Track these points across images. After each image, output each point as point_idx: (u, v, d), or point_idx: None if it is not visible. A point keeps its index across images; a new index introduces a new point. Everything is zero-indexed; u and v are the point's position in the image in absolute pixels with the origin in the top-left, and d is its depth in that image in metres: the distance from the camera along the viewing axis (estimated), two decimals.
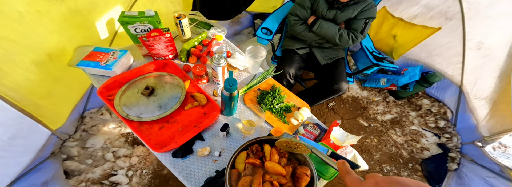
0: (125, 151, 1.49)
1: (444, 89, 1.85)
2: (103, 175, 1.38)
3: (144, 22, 0.82)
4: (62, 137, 1.30)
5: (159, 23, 0.89)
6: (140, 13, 0.83)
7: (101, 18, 0.99)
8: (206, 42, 1.17)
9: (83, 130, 1.46)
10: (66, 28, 0.89)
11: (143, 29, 0.85)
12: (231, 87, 0.75)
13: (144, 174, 1.45)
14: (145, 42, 0.85)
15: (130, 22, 0.80)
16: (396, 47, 1.92)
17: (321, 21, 1.34)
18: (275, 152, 0.67)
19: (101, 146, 1.47)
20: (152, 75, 0.94)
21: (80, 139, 1.44)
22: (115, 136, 1.53)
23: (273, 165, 0.61)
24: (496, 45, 1.38)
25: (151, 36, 0.84)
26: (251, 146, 0.66)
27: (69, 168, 1.34)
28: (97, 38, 1.04)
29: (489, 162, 1.49)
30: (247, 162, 0.63)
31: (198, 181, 0.77)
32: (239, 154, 0.65)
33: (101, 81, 0.85)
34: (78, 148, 1.42)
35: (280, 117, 1.00)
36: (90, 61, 0.80)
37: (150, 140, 0.80)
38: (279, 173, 0.61)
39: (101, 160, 1.43)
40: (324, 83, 1.45)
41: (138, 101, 0.83)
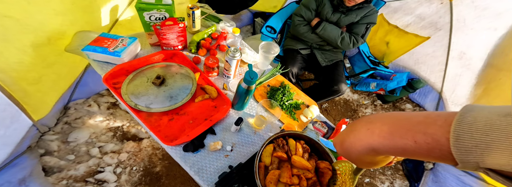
0: (113, 147, 1.38)
1: (425, 95, 2.03)
2: (87, 172, 1.26)
3: (161, 10, 0.77)
4: (41, 129, 1.16)
5: (174, 12, 0.84)
6: (157, 1, 0.78)
7: (107, 3, 0.91)
8: (215, 35, 1.14)
9: (66, 122, 1.32)
10: (73, 10, 0.81)
11: (158, 17, 0.80)
12: (252, 80, 0.73)
13: (134, 171, 1.35)
14: (158, 30, 0.80)
15: (146, 9, 0.75)
16: (388, 53, 2.05)
17: (325, 23, 1.38)
18: (300, 146, 0.67)
19: (85, 140, 1.34)
20: (160, 65, 0.89)
21: (61, 132, 1.30)
22: (102, 130, 1.40)
23: (300, 160, 0.61)
24: (476, 55, 1.54)
25: (165, 25, 0.79)
26: (277, 139, 0.66)
27: (47, 164, 1.20)
28: (98, 24, 0.96)
29: None
30: (275, 156, 0.62)
31: (210, 176, 0.74)
32: (266, 147, 0.64)
33: (105, 68, 0.78)
34: (58, 142, 1.28)
35: (289, 113, 1.00)
36: (97, 47, 0.73)
37: (159, 132, 0.75)
38: (305, 167, 0.61)
39: (85, 156, 1.31)
40: (324, 84, 1.50)
41: (148, 90, 0.77)
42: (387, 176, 1.80)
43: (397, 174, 1.83)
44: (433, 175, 1.79)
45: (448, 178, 1.69)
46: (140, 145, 1.44)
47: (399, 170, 1.86)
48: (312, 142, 0.70)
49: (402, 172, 1.86)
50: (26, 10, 0.70)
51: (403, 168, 1.87)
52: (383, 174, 1.80)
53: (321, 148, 0.69)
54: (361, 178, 1.75)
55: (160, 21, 0.81)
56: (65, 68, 1.00)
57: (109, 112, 1.47)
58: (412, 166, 1.84)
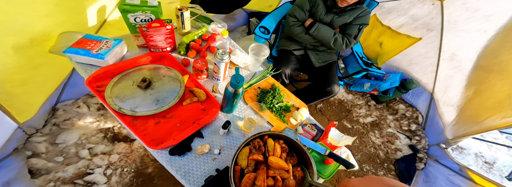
0: (103, 148, 1.36)
1: (418, 96, 2.04)
2: (76, 174, 1.25)
3: (146, 12, 0.75)
4: (28, 131, 1.14)
5: (161, 14, 0.83)
6: (142, 2, 0.76)
7: (94, 4, 0.89)
8: (206, 36, 1.12)
9: (54, 124, 1.30)
10: (58, 12, 0.79)
11: (144, 19, 0.78)
12: (238, 84, 0.73)
13: (125, 172, 1.34)
14: (144, 32, 0.78)
15: (131, 10, 0.73)
16: (381, 54, 2.06)
17: (318, 24, 1.37)
18: (278, 147, 0.67)
19: (74, 142, 1.32)
20: (148, 67, 0.88)
21: (49, 134, 1.28)
22: (92, 132, 1.38)
23: (277, 160, 0.61)
24: (466, 57, 1.55)
25: (151, 27, 0.78)
26: (253, 141, 0.66)
27: (34, 166, 1.18)
28: (85, 25, 0.93)
29: (451, 162, 1.68)
30: (251, 158, 0.62)
31: (197, 179, 0.74)
32: (241, 150, 0.64)
33: (89, 70, 0.76)
34: (46, 144, 1.26)
35: (279, 116, 1.00)
36: (80, 49, 0.71)
37: (145, 136, 0.74)
38: (282, 168, 0.61)
39: (74, 157, 1.29)
40: (317, 85, 1.49)
41: (133, 94, 0.76)
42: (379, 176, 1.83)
43: (389, 174, 1.85)
44: (424, 175, 1.82)
45: (438, 177, 1.71)
46: (131, 146, 1.43)
47: (391, 170, 1.88)
48: (291, 141, 0.70)
49: (394, 172, 1.87)
50: (6, 12, 0.68)
51: (395, 168, 1.88)
52: (376, 174, 1.82)
53: (300, 147, 0.69)
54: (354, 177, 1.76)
55: (146, 23, 0.80)
56: (52, 70, 0.98)
57: (100, 113, 1.45)
58: (404, 166, 1.86)
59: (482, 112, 1.37)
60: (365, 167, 1.83)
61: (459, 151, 2.18)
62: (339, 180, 1.70)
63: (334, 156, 0.81)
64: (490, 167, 2.10)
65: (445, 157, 1.75)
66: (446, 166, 1.72)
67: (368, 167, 1.84)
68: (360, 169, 1.81)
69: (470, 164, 2.06)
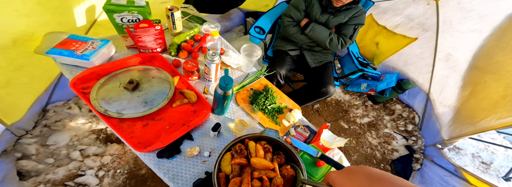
0: (95, 149, 1.35)
1: (414, 96, 2.04)
2: (67, 175, 1.23)
3: (133, 12, 0.74)
4: (17, 133, 1.12)
5: (150, 14, 0.81)
6: (129, 2, 0.74)
7: (81, 4, 0.87)
8: (198, 37, 1.11)
9: (45, 125, 1.28)
10: (40, 11, 0.76)
11: (131, 19, 0.76)
12: (227, 86, 0.71)
13: (118, 174, 1.33)
14: (132, 33, 0.77)
15: (116, 11, 0.71)
16: (377, 54, 2.05)
17: (314, 24, 1.36)
18: (260, 148, 0.66)
19: (66, 143, 1.31)
20: (137, 68, 0.86)
21: (40, 135, 1.26)
22: (84, 133, 1.37)
23: (260, 161, 0.60)
24: (462, 57, 1.54)
25: (139, 27, 0.76)
26: (234, 146, 0.65)
27: (24, 168, 1.17)
28: (73, 25, 0.91)
29: (446, 163, 1.67)
30: (234, 163, 0.61)
31: (185, 182, 0.73)
32: (223, 156, 0.62)
33: (75, 72, 0.74)
34: (36, 146, 1.24)
35: (272, 118, 0.99)
36: (64, 50, 0.69)
37: (132, 138, 0.72)
38: (267, 168, 0.60)
39: (65, 159, 1.27)
40: (312, 86, 1.48)
41: (120, 96, 0.74)
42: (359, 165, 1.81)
43: None
44: (419, 176, 1.81)
45: (434, 178, 1.70)
46: (125, 147, 1.41)
47: (388, 170, 1.86)
48: (274, 141, 0.69)
49: (391, 173, 1.86)
50: None
51: (392, 168, 1.87)
52: None
53: (284, 145, 0.68)
54: None
55: (133, 23, 0.78)
56: (37, 71, 0.96)
57: (92, 114, 1.43)
58: (401, 167, 1.86)
59: (477, 113, 1.37)
60: None
61: (456, 152, 2.17)
62: None
63: (325, 158, 0.80)
64: (487, 168, 2.08)
65: (441, 157, 1.75)
66: (442, 166, 1.71)
67: None
68: None
69: (467, 165, 2.05)
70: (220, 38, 1.05)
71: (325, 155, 0.80)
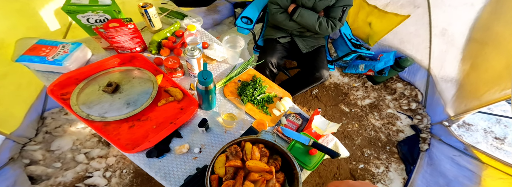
0: (99, 152, 1.39)
1: (414, 73, 1.96)
2: (76, 178, 1.28)
3: (98, 12, 0.70)
4: (20, 141, 1.16)
5: (119, 12, 0.77)
6: (92, 1, 0.70)
7: (46, 6, 0.83)
8: (179, 33, 1.07)
9: (46, 132, 1.32)
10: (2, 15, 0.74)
11: (98, 19, 0.73)
12: (206, 80, 0.69)
13: (125, 173, 1.37)
14: (103, 34, 0.74)
15: (78, 11, 0.68)
16: (371, 34, 1.98)
17: (301, 9, 1.30)
18: (257, 150, 0.64)
19: (70, 148, 1.35)
20: (117, 70, 0.84)
21: (43, 141, 1.30)
22: (86, 137, 1.40)
23: (255, 163, 0.58)
24: (458, 31, 1.47)
25: (109, 27, 0.73)
26: (230, 147, 0.63)
27: (34, 173, 1.22)
28: (45, 30, 0.89)
29: (455, 141, 1.60)
30: (228, 165, 0.59)
31: (177, 180, 0.74)
32: (218, 158, 0.61)
33: (51, 78, 0.73)
34: (42, 152, 1.29)
35: (262, 108, 0.97)
36: (33, 56, 0.68)
37: (119, 140, 0.73)
38: (263, 170, 0.59)
39: (71, 162, 1.32)
40: (306, 71, 1.45)
41: (100, 99, 0.73)
42: (382, 160, 1.75)
43: (392, 158, 1.77)
44: (428, 157, 1.72)
45: (442, 160, 1.61)
46: None
47: (394, 153, 1.80)
48: (270, 145, 0.67)
49: (398, 155, 1.79)
50: None
51: (398, 150, 1.81)
52: (378, 158, 1.76)
53: (280, 149, 0.66)
54: (356, 164, 1.72)
55: (102, 23, 0.75)
56: (23, 78, 0.96)
57: None
58: (407, 149, 1.78)
59: (480, 85, 1.30)
60: (366, 152, 1.78)
61: (466, 128, 2.09)
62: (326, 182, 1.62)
63: (318, 146, 0.78)
64: (501, 143, 1.97)
65: (449, 135, 1.67)
66: (451, 145, 1.63)
67: (369, 152, 1.79)
68: (361, 154, 1.77)
69: (479, 141, 1.95)
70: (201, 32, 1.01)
71: (317, 143, 0.79)
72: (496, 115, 2.13)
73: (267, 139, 0.66)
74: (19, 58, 0.68)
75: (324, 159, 1.69)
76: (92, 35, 0.79)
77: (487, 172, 1.33)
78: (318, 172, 1.64)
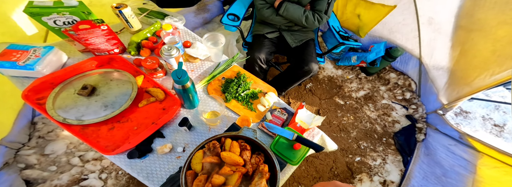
0: (94, 154, 1.40)
1: (406, 62, 1.94)
2: (72, 180, 1.30)
3: (64, 13, 0.69)
4: (12, 146, 1.17)
5: (89, 14, 0.76)
6: (56, 3, 0.69)
7: (16, 9, 0.82)
8: (160, 32, 1.05)
9: (39, 136, 1.33)
10: None
11: (65, 21, 0.72)
12: (181, 79, 0.68)
13: (121, 175, 1.39)
14: (74, 36, 0.73)
15: (42, 13, 0.66)
16: (361, 26, 1.97)
17: (286, 3, 1.29)
18: (237, 145, 0.63)
19: (64, 151, 1.36)
20: (96, 73, 0.84)
21: (37, 146, 1.32)
22: (78, 140, 1.41)
23: (230, 155, 0.58)
24: (444, 19, 1.45)
25: (80, 29, 0.72)
26: (208, 143, 0.62)
27: (30, 176, 1.24)
28: (22, 34, 0.88)
29: (450, 130, 1.58)
30: (205, 161, 0.59)
31: (160, 179, 0.74)
32: (195, 154, 0.61)
33: (26, 83, 0.73)
34: (37, 156, 1.30)
35: (246, 104, 0.96)
36: (4, 62, 0.67)
37: (98, 143, 0.72)
38: (237, 163, 0.59)
39: (66, 165, 1.34)
40: (295, 66, 1.44)
41: (76, 103, 0.73)
42: (379, 152, 1.73)
43: (389, 149, 1.75)
44: (424, 147, 1.71)
45: (438, 149, 1.60)
46: None
47: (391, 144, 1.78)
48: (251, 141, 0.66)
49: (394, 147, 1.77)
50: None
51: (395, 142, 1.79)
52: (374, 150, 1.74)
53: (261, 146, 0.65)
54: (352, 157, 1.70)
55: (71, 25, 0.74)
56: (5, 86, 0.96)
57: None
58: (404, 140, 1.77)
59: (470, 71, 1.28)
60: (362, 144, 1.77)
61: (464, 116, 2.06)
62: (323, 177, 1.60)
63: (302, 140, 0.78)
64: (501, 131, 1.95)
65: (444, 124, 1.65)
66: (447, 134, 1.61)
67: (366, 144, 1.77)
68: (357, 147, 1.76)
69: (478, 129, 1.93)
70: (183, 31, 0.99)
71: (301, 137, 0.78)
72: (494, 102, 2.10)
73: (247, 135, 0.65)
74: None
75: (320, 154, 1.70)
76: (64, 38, 0.78)
77: (482, 161, 1.32)
78: (315, 166, 1.64)
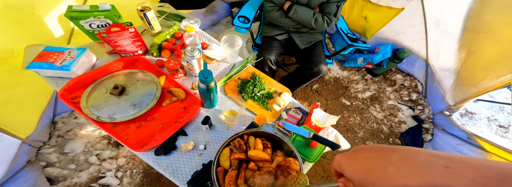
0: (110, 153, 1.44)
1: (413, 64, 1.97)
2: (90, 178, 1.34)
3: (99, 17, 0.74)
4: (35, 144, 1.22)
5: (119, 17, 0.81)
6: (92, 7, 0.74)
7: (49, 13, 0.87)
8: (179, 34, 1.10)
9: (58, 135, 1.38)
10: (6, 26, 0.78)
11: (99, 24, 0.77)
12: (207, 79, 0.73)
13: (135, 173, 1.43)
14: (106, 38, 0.77)
15: (81, 17, 0.71)
16: (368, 28, 2.00)
17: (296, 6, 1.33)
18: (259, 142, 0.68)
19: (82, 150, 1.41)
20: (122, 73, 0.88)
21: (56, 145, 1.36)
22: (96, 139, 1.46)
23: (257, 153, 0.62)
24: (451, 21, 1.49)
25: (111, 32, 0.77)
26: (233, 141, 0.66)
27: (51, 174, 1.29)
28: (51, 36, 0.93)
29: (457, 130, 1.61)
30: (233, 158, 0.63)
31: (185, 176, 0.78)
32: (222, 152, 0.65)
33: (61, 83, 0.77)
34: (57, 154, 1.35)
35: (262, 104, 1.00)
36: (43, 63, 0.72)
37: (128, 140, 0.77)
38: (263, 159, 0.63)
39: (85, 164, 1.38)
40: (304, 67, 1.47)
41: (107, 102, 0.78)
42: None
43: None
44: (431, 147, 1.74)
45: (445, 149, 1.63)
46: None
47: (397, 144, 1.81)
48: (270, 136, 0.71)
49: None
50: None
51: (401, 142, 1.82)
52: None
53: (281, 140, 0.69)
54: None
55: (103, 28, 0.79)
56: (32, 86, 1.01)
57: None
58: (410, 140, 1.80)
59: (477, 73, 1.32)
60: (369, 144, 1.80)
61: (469, 117, 2.09)
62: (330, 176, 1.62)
63: (318, 138, 0.81)
64: (506, 131, 1.97)
65: (451, 125, 1.68)
66: (454, 134, 1.64)
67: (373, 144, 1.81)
68: None
69: (483, 130, 1.95)
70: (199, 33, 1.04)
71: (317, 135, 0.82)
72: (499, 103, 2.13)
73: (268, 131, 0.69)
74: (29, 65, 0.72)
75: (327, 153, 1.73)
76: (95, 40, 0.83)
77: None
78: (322, 165, 1.67)
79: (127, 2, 1.26)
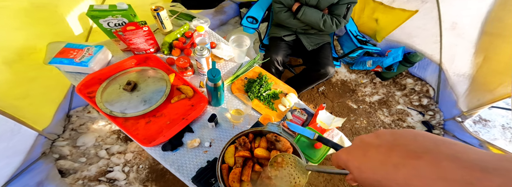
0: (118, 148, 1.49)
1: (425, 68, 1.92)
2: (99, 172, 1.39)
3: (117, 16, 0.78)
4: (50, 137, 1.28)
5: (135, 16, 0.84)
6: (111, 7, 0.78)
7: (71, 12, 0.93)
8: (189, 33, 1.13)
9: (72, 129, 1.44)
10: (31, 24, 0.83)
11: (117, 23, 0.81)
12: (215, 78, 0.74)
13: (141, 169, 1.47)
14: (121, 36, 0.81)
15: (100, 16, 0.76)
16: (378, 30, 1.97)
17: (305, 7, 1.33)
18: (264, 140, 0.69)
19: (93, 144, 1.46)
20: (134, 70, 0.92)
21: (70, 138, 1.43)
22: (106, 134, 1.52)
23: (262, 152, 0.63)
24: (469, 24, 1.45)
25: (127, 30, 0.80)
26: (238, 139, 0.68)
27: (63, 167, 1.34)
28: (71, 34, 0.98)
29: (469, 137, 1.57)
30: (237, 156, 0.64)
31: (190, 172, 0.79)
32: (227, 149, 0.66)
33: (79, 78, 0.82)
34: (69, 147, 1.41)
35: (268, 104, 1.01)
36: (63, 58, 0.77)
37: (138, 135, 0.80)
38: (268, 158, 0.64)
39: (94, 157, 1.44)
40: (311, 68, 1.47)
41: (120, 97, 0.81)
42: None
43: None
44: None
45: None
46: None
47: None
48: (275, 136, 0.71)
49: None
50: None
51: None
52: None
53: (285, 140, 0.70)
54: None
55: (120, 26, 0.82)
56: (50, 81, 1.07)
57: None
58: None
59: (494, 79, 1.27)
60: None
61: (483, 124, 2.02)
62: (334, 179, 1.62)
63: (323, 139, 0.81)
64: None
65: (462, 132, 1.63)
66: (465, 141, 1.60)
67: None
68: None
69: (497, 138, 1.89)
70: (208, 33, 1.07)
71: (322, 136, 0.82)
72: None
73: (272, 130, 0.70)
74: (52, 60, 0.77)
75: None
76: (112, 38, 0.87)
77: None
78: None
79: (140, 2, 1.31)
